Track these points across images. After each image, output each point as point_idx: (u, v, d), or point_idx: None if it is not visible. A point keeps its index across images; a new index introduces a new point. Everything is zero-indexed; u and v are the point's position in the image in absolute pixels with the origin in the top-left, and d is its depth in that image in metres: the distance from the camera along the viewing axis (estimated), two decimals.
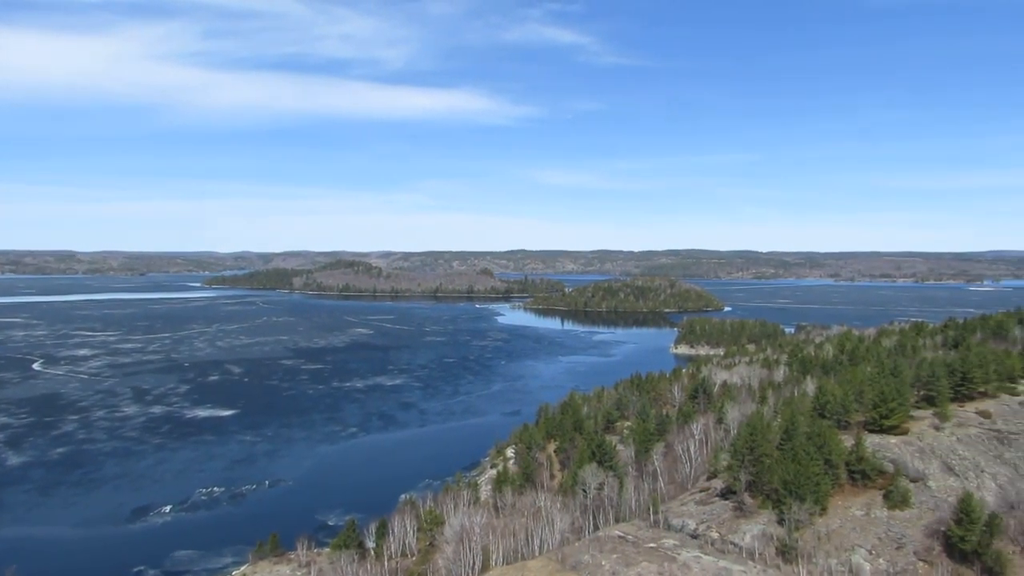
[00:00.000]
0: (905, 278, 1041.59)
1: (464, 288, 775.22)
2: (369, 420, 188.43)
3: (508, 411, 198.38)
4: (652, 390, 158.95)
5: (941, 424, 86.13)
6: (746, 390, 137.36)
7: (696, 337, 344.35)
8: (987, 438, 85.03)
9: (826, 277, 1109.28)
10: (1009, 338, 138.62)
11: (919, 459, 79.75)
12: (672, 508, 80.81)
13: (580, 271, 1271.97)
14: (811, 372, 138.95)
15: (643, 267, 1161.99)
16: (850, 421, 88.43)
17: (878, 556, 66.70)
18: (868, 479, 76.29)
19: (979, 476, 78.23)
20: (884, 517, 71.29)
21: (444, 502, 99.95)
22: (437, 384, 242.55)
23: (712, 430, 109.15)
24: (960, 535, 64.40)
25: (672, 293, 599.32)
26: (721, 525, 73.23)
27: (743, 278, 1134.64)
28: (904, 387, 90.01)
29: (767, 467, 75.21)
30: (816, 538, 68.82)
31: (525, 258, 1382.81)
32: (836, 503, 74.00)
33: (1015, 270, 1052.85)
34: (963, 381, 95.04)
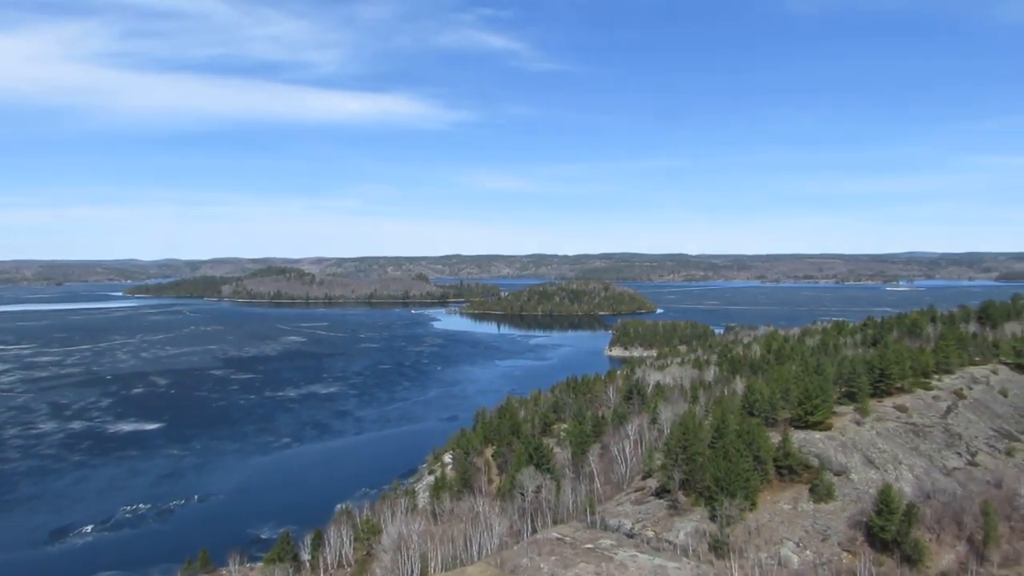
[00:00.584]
0: (827, 279, 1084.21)
1: (399, 294, 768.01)
2: (303, 429, 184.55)
3: (445, 417, 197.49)
4: (588, 392, 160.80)
5: (862, 419, 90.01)
6: (678, 390, 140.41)
7: (630, 339, 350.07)
8: (904, 431, 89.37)
9: (753, 279, 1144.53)
10: (923, 335, 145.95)
11: (842, 453, 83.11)
12: (608, 508, 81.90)
13: (516, 275, 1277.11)
14: (740, 372, 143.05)
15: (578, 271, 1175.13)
16: (777, 418, 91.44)
17: (805, 548, 69.17)
18: (795, 474, 79.08)
19: (897, 468, 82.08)
20: (810, 510, 73.99)
21: (381, 510, 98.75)
22: (373, 391, 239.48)
23: (646, 430, 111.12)
24: (880, 525, 67.44)
25: (606, 296, 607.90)
26: (656, 524, 74.64)
27: (674, 281, 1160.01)
28: (827, 384, 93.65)
29: (699, 465, 77.07)
30: (747, 533, 70.87)
31: (460, 263, 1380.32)
32: (765, 498, 76.39)
33: (928, 271, 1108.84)
34: (881, 377, 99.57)
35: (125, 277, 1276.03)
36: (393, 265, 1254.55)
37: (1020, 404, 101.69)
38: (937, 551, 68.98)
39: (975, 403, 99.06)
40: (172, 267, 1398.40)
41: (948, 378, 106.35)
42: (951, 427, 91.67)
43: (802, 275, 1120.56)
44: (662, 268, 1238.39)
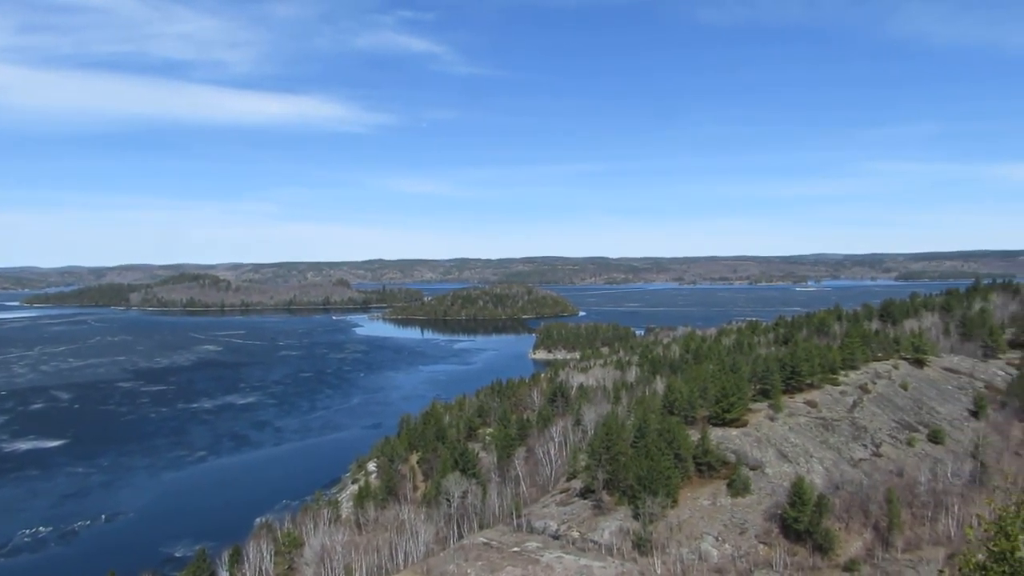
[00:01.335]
0: (741, 280, 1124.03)
1: (320, 300, 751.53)
2: (219, 442, 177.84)
3: (369, 424, 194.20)
4: (512, 396, 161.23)
5: (775, 415, 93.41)
6: (601, 391, 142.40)
7: (553, 342, 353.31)
8: (814, 425, 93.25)
9: (672, 281, 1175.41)
10: (830, 333, 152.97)
11: (757, 448, 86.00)
12: (534, 511, 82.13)
13: (439, 280, 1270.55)
14: (660, 372, 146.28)
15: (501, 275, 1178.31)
16: (696, 416, 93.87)
17: (724, 542, 71.13)
18: (713, 470, 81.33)
19: (808, 461, 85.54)
20: (728, 505, 76.20)
21: (303, 522, 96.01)
22: (293, 400, 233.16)
23: (570, 432, 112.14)
24: (794, 516, 70.08)
25: (529, 300, 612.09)
26: (581, 524, 75.30)
27: (596, 283, 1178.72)
28: (742, 382, 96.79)
29: (622, 465, 78.23)
30: (669, 529, 72.37)
31: (383, 268, 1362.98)
32: (686, 495, 78.24)
33: (834, 271, 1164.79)
34: (793, 374, 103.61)
35: (22, 285, 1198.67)
36: (313, 270, 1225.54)
37: (919, 397, 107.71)
38: (846, 539, 72.23)
39: (878, 397, 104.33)
40: (75, 274, 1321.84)
41: (854, 374, 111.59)
42: (857, 420, 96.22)
43: (718, 276, 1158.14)
44: (584, 271, 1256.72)
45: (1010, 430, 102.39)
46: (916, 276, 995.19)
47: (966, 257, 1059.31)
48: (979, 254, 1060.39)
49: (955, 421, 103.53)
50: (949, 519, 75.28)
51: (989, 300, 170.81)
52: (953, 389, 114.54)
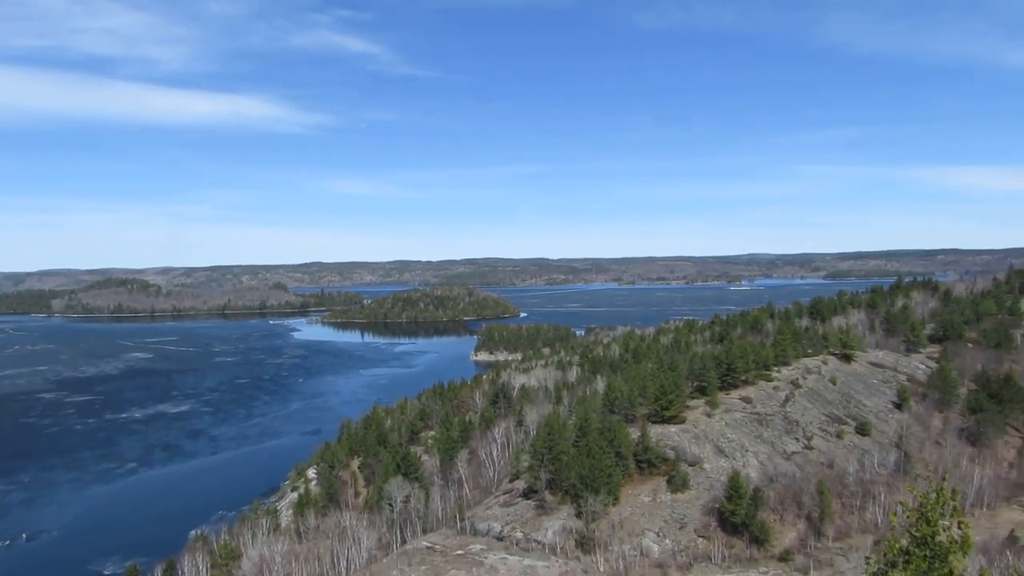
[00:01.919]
0: (678, 280, 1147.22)
1: (256, 304, 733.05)
2: (151, 453, 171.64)
3: (308, 430, 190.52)
4: (455, 398, 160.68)
5: (712, 411, 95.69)
6: (543, 392, 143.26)
7: (495, 343, 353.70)
8: (749, 421, 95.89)
9: (611, 281, 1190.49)
10: (763, 331, 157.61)
11: (695, 444, 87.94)
12: (478, 513, 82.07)
13: (379, 282, 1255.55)
14: (600, 371, 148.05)
15: (442, 277, 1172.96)
16: (636, 414, 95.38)
17: (664, 537, 72.47)
18: (654, 467, 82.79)
19: (744, 455, 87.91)
20: (668, 501, 77.69)
21: (240, 533, 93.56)
22: (229, 407, 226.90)
23: (513, 433, 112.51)
24: (731, 510, 71.93)
25: (471, 302, 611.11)
26: (525, 524, 75.62)
27: (537, 284, 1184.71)
28: (680, 380, 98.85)
29: (565, 464, 78.90)
30: (611, 527, 73.33)
31: (321, 271, 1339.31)
32: (627, 492, 79.43)
33: (766, 271, 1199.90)
34: (728, 371, 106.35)
35: None
36: (249, 274, 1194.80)
37: (847, 391, 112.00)
38: (781, 530, 74.56)
39: (809, 392, 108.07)
40: None
41: (786, 369, 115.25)
42: (789, 415, 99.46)
43: (655, 277, 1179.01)
44: (524, 272, 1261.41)
45: (931, 421, 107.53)
46: (843, 275, 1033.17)
47: (889, 256, 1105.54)
48: (901, 253, 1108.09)
49: (880, 413, 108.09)
50: (876, 507, 78.58)
51: (910, 297, 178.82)
52: (878, 383, 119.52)
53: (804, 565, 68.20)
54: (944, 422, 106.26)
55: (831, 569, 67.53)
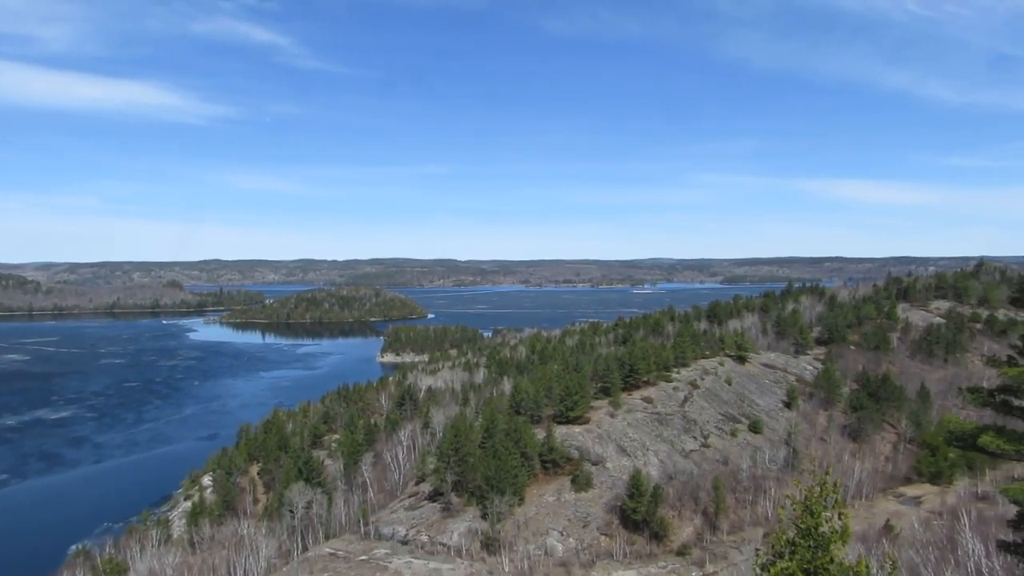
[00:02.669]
0: (583, 283, 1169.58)
1: (148, 303, 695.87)
2: (25, 463, 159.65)
3: (204, 435, 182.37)
4: (360, 400, 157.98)
5: (615, 411, 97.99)
6: (450, 393, 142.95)
7: (402, 345, 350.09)
8: (650, 420, 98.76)
9: (518, 283, 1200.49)
10: (664, 333, 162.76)
11: (599, 444, 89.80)
12: (382, 517, 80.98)
13: (282, 281, 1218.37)
14: (507, 372, 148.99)
15: (348, 276, 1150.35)
16: (542, 415, 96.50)
17: (568, 536, 73.61)
18: (558, 467, 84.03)
19: (645, 454, 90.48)
20: (572, 500, 78.98)
21: (128, 546, 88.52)
22: (116, 412, 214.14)
23: (419, 435, 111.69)
24: (632, 507, 73.87)
25: (377, 302, 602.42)
26: (430, 527, 75.14)
27: (445, 286, 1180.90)
28: (585, 381, 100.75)
29: (471, 466, 78.93)
30: (516, 527, 73.86)
31: (220, 269, 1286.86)
32: (532, 492, 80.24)
33: (667, 275, 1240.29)
34: (631, 372, 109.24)
35: None
36: (140, 271, 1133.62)
37: (741, 391, 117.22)
38: (679, 526, 77.17)
39: (707, 392, 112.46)
40: None
41: (685, 370, 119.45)
42: (688, 414, 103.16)
43: (562, 279, 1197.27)
44: (433, 273, 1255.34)
45: (817, 418, 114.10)
46: (739, 280, 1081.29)
47: (781, 263, 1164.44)
48: (791, 260, 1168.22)
49: (772, 412, 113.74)
50: (767, 501, 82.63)
51: (800, 302, 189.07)
52: (770, 383, 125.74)
53: (700, 559, 70.87)
54: (829, 419, 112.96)
55: (725, 562, 70.46)
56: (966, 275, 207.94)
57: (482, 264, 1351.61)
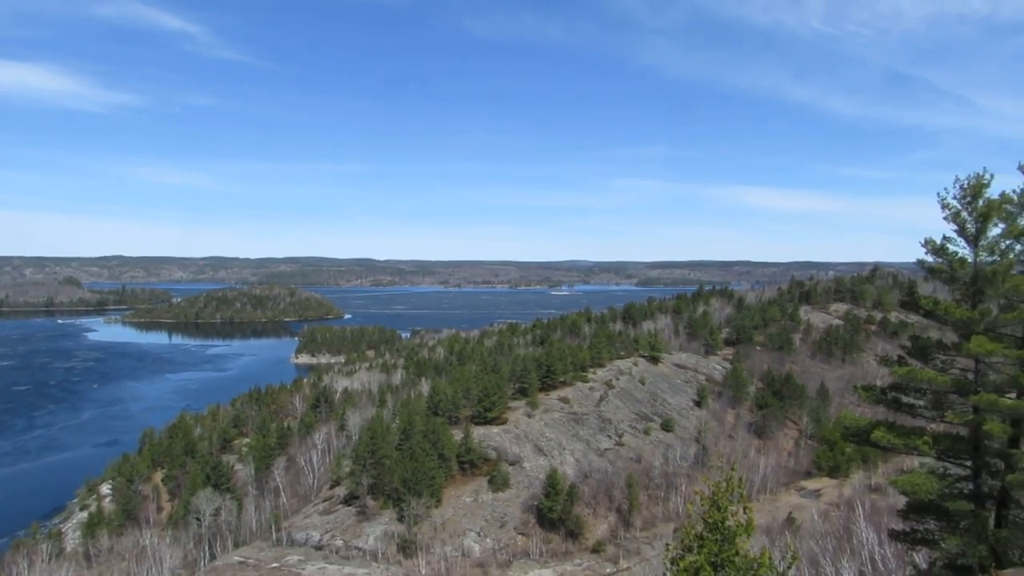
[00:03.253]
0: (502, 284, 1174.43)
1: (42, 300, 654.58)
2: None
3: (103, 442, 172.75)
4: (272, 403, 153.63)
5: (532, 412, 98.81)
6: (366, 395, 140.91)
7: (317, 346, 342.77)
8: (567, 420, 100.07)
9: (437, 284, 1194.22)
10: (581, 334, 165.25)
11: (516, 444, 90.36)
12: (296, 522, 79.01)
13: (191, 280, 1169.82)
14: (425, 373, 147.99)
15: (261, 275, 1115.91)
16: (460, 416, 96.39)
17: (486, 537, 73.71)
18: (476, 467, 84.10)
19: (562, 453, 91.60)
20: (490, 500, 79.16)
21: (14, 562, 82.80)
22: (3, 419, 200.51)
23: (334, 438, 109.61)
24: (548, 506, 74.65)
25: (292, 302, 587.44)
26: (345, 532, 73.81)
27: (362, 285, 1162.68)
28: (503, 382, 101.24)
29: (387, 468, 78.03)
30: (433, 529, 73.47)
31: (123, 266, 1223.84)
32: (450, 493, 79.97)
33: (585, 277, 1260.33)
34: (548, 373, 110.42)
35: None
36: (33, 267, 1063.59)
37: (654, 390, 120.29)
38: (594, 523, 78.51)
39: (621, 391, 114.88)
40: None
41: (600, 371, 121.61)
42: (603, 413, 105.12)
43: (481, 280, 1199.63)
44: (350, 273, 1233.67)
45: (725, 416, 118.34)
46: (653, 282, 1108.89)
47: (693, 266, 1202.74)
48: (703, 264, 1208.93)
49: (683, 411, 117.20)
50: (678, 497, 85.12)
51: (710, 304, 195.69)
52: (681, 383, 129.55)
53: (615, 555, 72.36)
54: (736, 417, 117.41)
55: (638, 557, 72.19)
56: (862, 279, 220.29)
57: (401, 264, 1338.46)
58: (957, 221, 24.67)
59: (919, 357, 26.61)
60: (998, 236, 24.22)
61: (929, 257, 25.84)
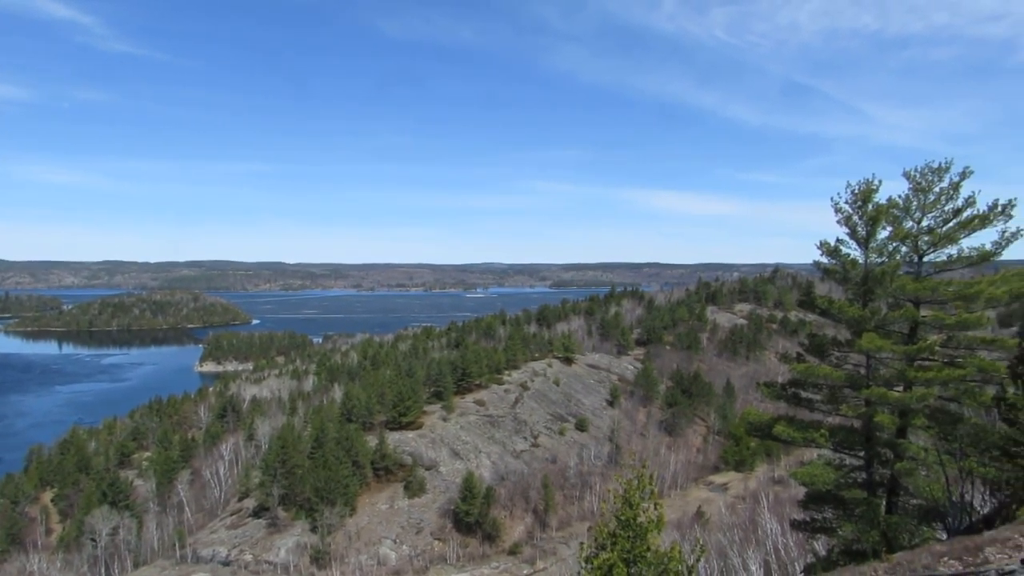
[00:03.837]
0: (416, 287, 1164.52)
1: None
2: None
3: None
4: (175, 414, 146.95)
5: (448, 415, 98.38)
6: (276, 403, 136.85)
7: (224, 352, 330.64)
8: (483, 423, 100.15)
9: (350, 287, 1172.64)
10: (496, 336, 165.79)
11: (432, 449, 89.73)
12: (201, 538, 75.78)
13: (83, 285, 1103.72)
14: (338, 379, 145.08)
15: (162, 280, 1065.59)
16: (374, 422, 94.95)
17: (402, 544, 72.82)
18: (391, 473, 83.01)
19: (478, 456, 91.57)
20: (406, 506, 78.27)
21: None
22: None
23: (243, 448, 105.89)
24: (465, 510, 74.44)
25: (196, 307, 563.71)
26: (255, 545, 71.36)
27: (272, 289, 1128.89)
28: (418, 386, 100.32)
29: (299, 477, 75.96)
30: (348, 538, 72.00)
31: (5, 271, 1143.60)
32: (364, 501, 78.59)
33: (499, 279, 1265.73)
34: (464, 376, 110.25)
35: None
36: None
37: (568, 391, 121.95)
38: (510, 525, 78.79)
39: (536, 393, 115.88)
40: None
41: (515, 373, 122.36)
42: (519, 415, 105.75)
43: (395, 283, 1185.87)
44: (258, 277, 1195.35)
45: (637, 415, 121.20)
46: (566, 284, 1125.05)
47: (605, 268, 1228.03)
48: (614, 265, 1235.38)
49: (596, 410, 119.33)
50: (593, 496, 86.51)
51: (621, 305, 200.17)
52: (595, 383, 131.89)
53: (531, 556, 72.81)
54: (647, 416, 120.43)
55: (555, 557, 72.89)
56: (764, 280, 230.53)
57: (312, 267, 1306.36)
58: (849, 224, 26.01)
59: (816, 354, 27.93)
60: (886, 239, 25.67)
61: (824, 259, 27.13)
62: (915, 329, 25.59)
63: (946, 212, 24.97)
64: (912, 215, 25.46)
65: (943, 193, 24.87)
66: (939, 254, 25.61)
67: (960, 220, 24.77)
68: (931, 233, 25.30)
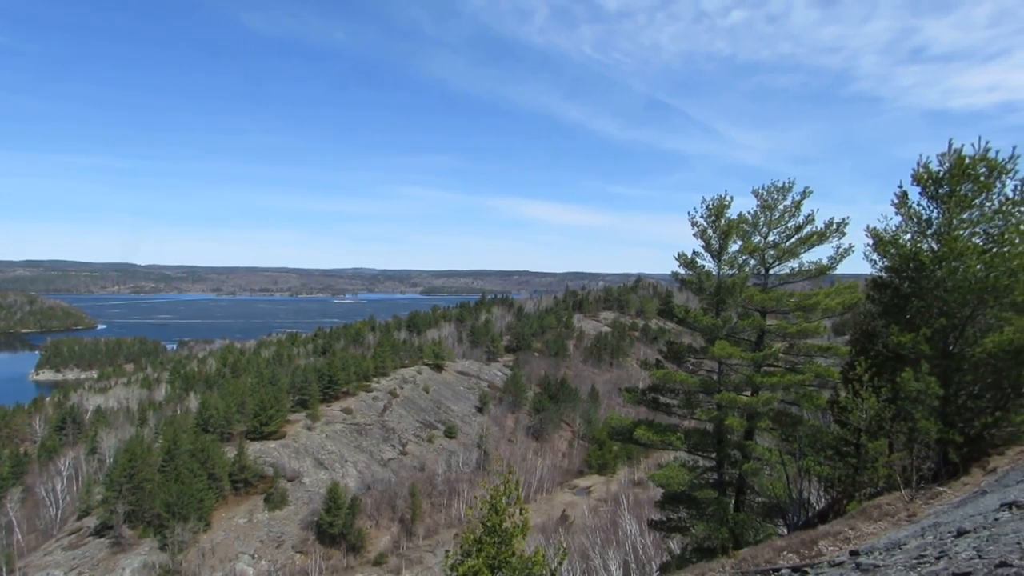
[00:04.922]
0: (282, 292, 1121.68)
1: None
2: None
3: None
4: (5, 427, 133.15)
5: (313, 424, 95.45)
6: (124, 413, 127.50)
7: (63, 360, 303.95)
8: (349, 431, 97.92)
9: (209, 291, 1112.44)
10: (365, 343, 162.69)
11: (295, 459, 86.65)
12: (33, 561, 69.13)
13: None
14: (194, 388, 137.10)
15: None
16: (233, 432, 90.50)
17: (260, 559, 69.74)
18: (251, 486, 79.35)
19: (344, 466, 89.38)
20: (266, 520, 75.06)
21: None
22: None
23: (84, 463, 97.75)
24: (329, 521, 72.44)
25: (32, 311, 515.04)
26: (95, 567, 65.96)
27: (121, 292, 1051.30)
28: (282, 394, 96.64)
29: (148, 492, 71.07)
30: (201, 555, 68.05)
31: None
32: (221, 515, 74.64)
33: (369, 285, 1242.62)
34: (330, 383, 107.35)
35: None
36: None
37: (438, 398, 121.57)
38: (376, 535, 77.42)
39: (406, 400, 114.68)
40: None
41: (385, 380, 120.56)
42: (387, 423, 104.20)
43: (258, 288, 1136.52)
44: (105, 279, 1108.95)
45: (505, 421, 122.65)
46: (437, 291, 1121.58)
47: (475, 275, 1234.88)
48: (485, 273, 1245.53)
49: (466, 417, 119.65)
50: (460, 503, 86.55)
51: (492, 312, 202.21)
52: (464, 389, 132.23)
53: (397, 566, 71.81)
54: (516, 421, 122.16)
55: (421, 566, 72.27)
56: (627, 289, 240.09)
57: (166, 270, 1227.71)
58: (704, 238, 27.64)
59: (674, 360, 29.43)
60: (736, 252, 27.50)
61: (682, 270, 28.65)
62: (762, 337, 27.51)
63: (789, 228, 27.10)
64: (760, 230, 27.42)
65: (786, 211, 26.99)
66: (783, 267, 27.75)
67: (801, 236, 26.95)
68: (776, 247, 27.36)
